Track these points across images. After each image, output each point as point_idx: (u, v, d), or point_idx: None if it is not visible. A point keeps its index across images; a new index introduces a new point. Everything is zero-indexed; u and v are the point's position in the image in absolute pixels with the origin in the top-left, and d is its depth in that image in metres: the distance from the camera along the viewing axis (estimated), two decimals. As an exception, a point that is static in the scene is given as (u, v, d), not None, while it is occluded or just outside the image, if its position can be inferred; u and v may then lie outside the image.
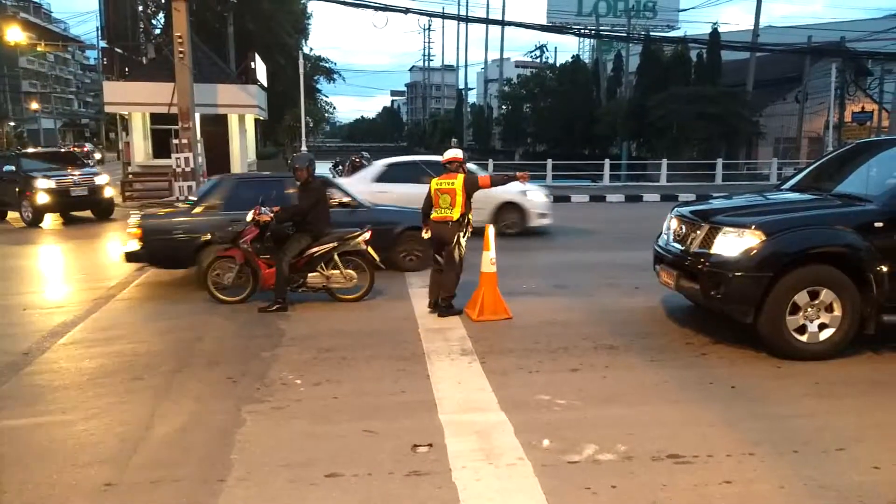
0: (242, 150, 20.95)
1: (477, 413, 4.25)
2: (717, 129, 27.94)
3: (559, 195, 18.40)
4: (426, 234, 6.79)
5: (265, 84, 24.86)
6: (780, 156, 28.93)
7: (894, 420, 4.15)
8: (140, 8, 25.61)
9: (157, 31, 29.09)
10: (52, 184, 14.17)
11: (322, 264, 6.96)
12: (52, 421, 4.19)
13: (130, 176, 19.25)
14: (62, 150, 17.72)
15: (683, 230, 6.04)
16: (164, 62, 19.90)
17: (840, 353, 5.23)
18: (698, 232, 5.75)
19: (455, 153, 6.83)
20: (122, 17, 16.83)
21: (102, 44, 32.28)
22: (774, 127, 32.06)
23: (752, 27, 30.44)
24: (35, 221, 14.08)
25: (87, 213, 15.37)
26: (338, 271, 6.99)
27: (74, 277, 8.98)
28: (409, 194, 9.47)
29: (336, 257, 6.97)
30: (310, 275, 6.96)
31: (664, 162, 24.92)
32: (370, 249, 7.06)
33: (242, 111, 21.01)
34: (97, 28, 42.91)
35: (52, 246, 11.81)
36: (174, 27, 15.76)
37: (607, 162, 25.14)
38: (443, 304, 6.56)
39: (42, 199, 13.97)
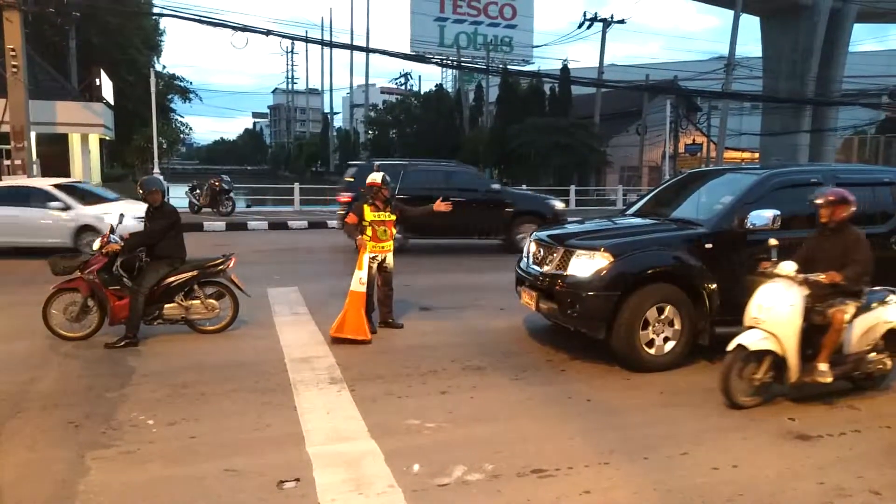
0: (86, 172, 19.42)
1: (346, 443, 4.18)
2: (570, 157, 29.86)
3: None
4: None
5: (112, 102, 23.26)
6: (625, 183, 31.43)
7: (728, 424, 4.59)
8: (-37, 15, 23.07)
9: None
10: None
11: (181, 294, 6.56)
12: None
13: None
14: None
15: (542, 253, 6.37)
16: (-8, 75, 18.08)
17: (680, 364, 5.72)
18: (555, 255, 6.09)
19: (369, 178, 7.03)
20: (-58, 24, 15.11)
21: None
22: (619, 157, 34.81)
23: (598, 64, 32.95)
24: None
25: None
26: (198, 301, 6.62)
27: None
28: None
29: (196, 286, 6.61)
30: (166, 306, 6.51)
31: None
32: (234, 277, 6.77)
33: (86, 130, 19.52)
34: None
35: None
36: (6, 39, 14.40)
37: (471, 188, 25.94)
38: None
39: None
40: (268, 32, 18.06)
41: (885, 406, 4.91)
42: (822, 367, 4.72)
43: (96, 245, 6.38)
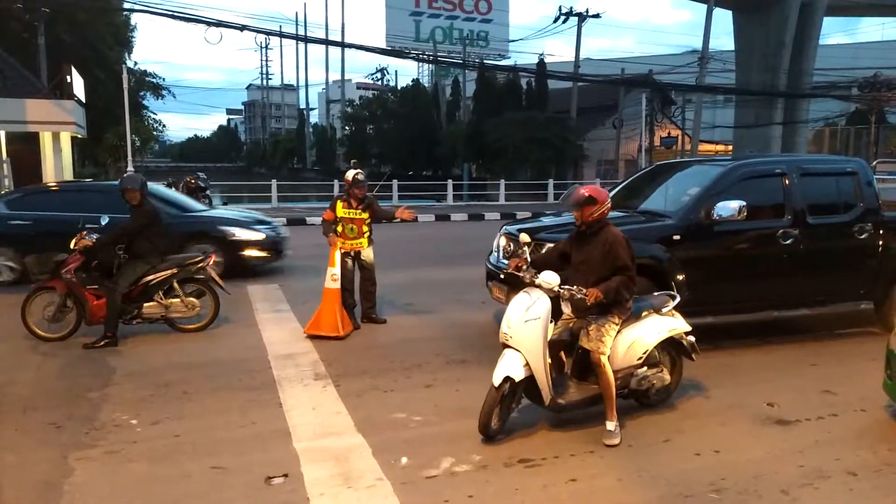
0: (58, 171, 18.99)
1: (333, 438, 4.18)
2: (547, 151, 30.05)
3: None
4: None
5: (83, 99, 22.81)
6: (602, 176, 31.64)
7: (709, 411, 4.68)
8: (-73, 11, 22.52)
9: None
10: None
11: (160, 292, 6.48)
12: None
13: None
14: None
15: (512, 248, 6.40)
16: (-42, 73, 17.70)
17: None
18: (525, 249, 6.10)
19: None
20: None
21: None
22: (596, 150, 35.04)
23: (573, 59, 33.11)
24: None
25: None
26: (178, 299, 6.54)
27: None
28: None
29: (176, 284, 6.54)
30: (145, 305, 6.44)
31: (502, 182, 26.24)
32: (214, 275, 6.71)
33: (57, 128, 19.09)
34: None
35: None
36: (-28, 34, 14.06)
37: (450, 182, 25.97)
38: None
39: None
40: (242, 28, 17.91)
41: (861, 390, 5.02)
42: (609, 426, 4.13)
43: (72, 243, 6.29)
